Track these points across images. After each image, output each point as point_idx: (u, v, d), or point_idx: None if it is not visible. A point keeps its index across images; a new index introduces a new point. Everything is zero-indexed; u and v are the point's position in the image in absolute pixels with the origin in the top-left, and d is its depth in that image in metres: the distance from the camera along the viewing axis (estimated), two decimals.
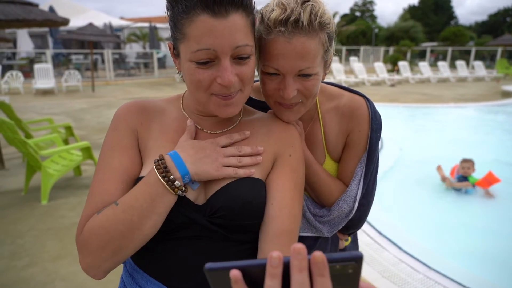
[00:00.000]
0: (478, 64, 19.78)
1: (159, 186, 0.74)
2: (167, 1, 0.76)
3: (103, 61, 18.50)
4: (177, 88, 13.69)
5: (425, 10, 57.72)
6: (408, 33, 30.31)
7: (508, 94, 12.77)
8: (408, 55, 25.62)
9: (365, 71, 16.53)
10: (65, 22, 5.33)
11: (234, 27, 0.72)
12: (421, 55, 27.96)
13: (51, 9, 15.11)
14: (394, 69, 18.59)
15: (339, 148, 1.08)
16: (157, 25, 21.06)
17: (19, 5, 4.61)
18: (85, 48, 17.37)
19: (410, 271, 2.59)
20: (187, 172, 0.76)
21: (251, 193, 0.80)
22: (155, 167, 0.76)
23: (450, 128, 8.55)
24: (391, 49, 26.83)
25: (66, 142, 5.02)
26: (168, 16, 0.78)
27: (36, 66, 12.36)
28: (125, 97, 11.16)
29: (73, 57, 18.53)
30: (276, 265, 0.36)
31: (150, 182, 0.75)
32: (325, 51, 0.87)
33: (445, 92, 13.75)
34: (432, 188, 4.66)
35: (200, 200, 0.80)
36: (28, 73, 14.24)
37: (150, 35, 19.83)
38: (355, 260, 0.36)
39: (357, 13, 62.90)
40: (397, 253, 2.83)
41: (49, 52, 14.61)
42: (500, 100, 11.90)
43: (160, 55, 20.01)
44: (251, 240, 0.83)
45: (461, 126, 8.93)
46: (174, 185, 0.74)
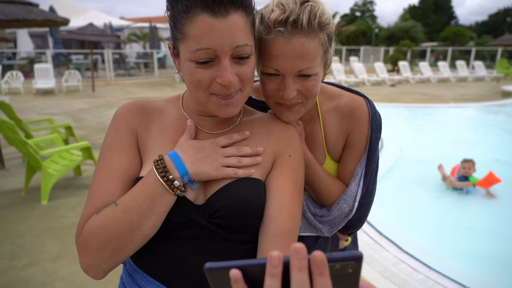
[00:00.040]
0: (478, 64, 19.78)
1: (158, 186, 0.74)
2: (167, 1, 0.76)
3: (103, 61, 18.50)
4: (177, 88, 13.69)
5: (425, 10, 57.71)
6: (408, 33, 30.31)
7: (508, 94, 12.77)
8: (408, 55, 25.63)
9: (365, 71, 16.53)
10: (65, 22, 5.33)
11: (234, 27, 0.72)
12: (421, 55, 27.97)
13: (51, 9, 15.12)
14: (394, 69, 18.59)
15: (339, 148, 1.08)
16: (157, 25, 21.07)
17: (19, 5, 4.61)
18: (85, 48, 17.37)
19: (410, 271, 2.59)
20: (186, 172, 0.76)
21: (250, 193, 0.80)
22: (154, 167, 0.76)
23: (450, 128, 8.54)
24: (391, 49, 26.82)
25: (66, 142, 5.03)
26: (168, 16, 0.78)
27: (36, 66, 12.36)
28: (125, 97, 11.16)
29: (73, 57, 18.52)
30: (276, 264, 0.36)
31: (149, 182, 0.75)
32: (325, 51, 0.87)
33: (445, 92, 13.74)
34: (432, 188, 4.66)
35: (199, 200, 0.80)
36: (28, 73, 14.24)
37: (150, 35, 19.83)
38: (355, 259, 0.36)
39: (357, 13, 62.92)
40: (397, 253, 2.83)
41: (49, 52, 14.61)
42: (500, 100, 11.90)
43: (160, 55, 20.01)
44: (251, 240, 0.83)
45: (461, 126, 8.92)
46: (173, 185, 0.74)
